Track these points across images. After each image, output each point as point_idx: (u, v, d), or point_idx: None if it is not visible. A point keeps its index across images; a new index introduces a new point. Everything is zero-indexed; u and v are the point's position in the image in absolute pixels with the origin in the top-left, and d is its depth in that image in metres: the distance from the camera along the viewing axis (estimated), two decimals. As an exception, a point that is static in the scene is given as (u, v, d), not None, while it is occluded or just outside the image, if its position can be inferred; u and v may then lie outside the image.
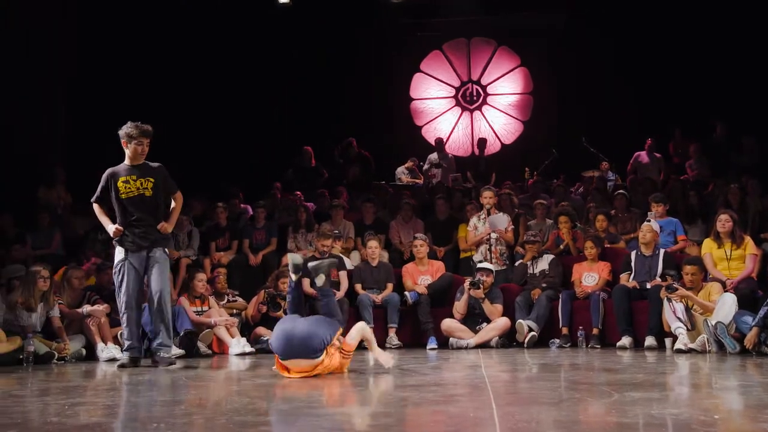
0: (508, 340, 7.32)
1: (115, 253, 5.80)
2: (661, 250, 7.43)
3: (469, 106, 14.60)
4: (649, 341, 6.78)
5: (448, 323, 7.42)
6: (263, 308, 7.48)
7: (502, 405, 3.46)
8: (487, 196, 8.40)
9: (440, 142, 13.13)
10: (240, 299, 7.86)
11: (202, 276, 7.48)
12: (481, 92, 14.58)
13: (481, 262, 7.86)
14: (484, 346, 7.19)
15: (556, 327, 7.38)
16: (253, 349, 7.04)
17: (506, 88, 14.53)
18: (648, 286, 7.09)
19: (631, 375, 4.69)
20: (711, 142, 11.50)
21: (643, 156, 11.64)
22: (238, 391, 4.36)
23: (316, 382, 4.48)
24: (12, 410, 3.57)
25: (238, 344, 6.97)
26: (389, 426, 2.99)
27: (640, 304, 7.09)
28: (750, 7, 11.42)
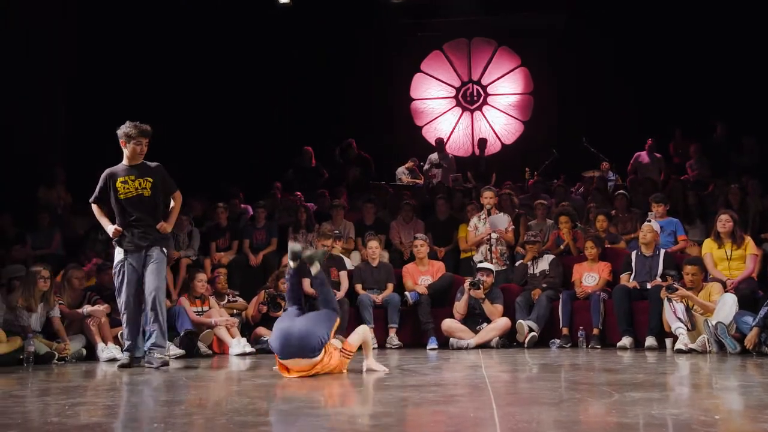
0: (508, 340, 7.32)
1: (115, 254, 5.80)
2: (662, 251, 7.43)
3: (470, 106, 14.59)
4: (650, 341, 6.78)
5: (448, 323, 7.42)
6: (263, 308, 7.48)
7: (503, 405, 3.46)
8: (488, 197, 8.40)
9: (440, 143, 13.12)
10: (240, 299, 7.87)
11: (203, 276, 7.48)
12: (482, 92, 14.57)
13: (481, 262, 7.86)
14: (484, 346, 7.19)
15: (556, 327, 7.39)
16: (254, 350, 7.04)
17: (506, 88, 14.52)
18: (648, 287, 7.09)
19: (632, 375, 4.68)
20: (711, 143, 11.50)
21: (644, 156, 11.63)
22: (238, 391, 4.36)
23: (316, 382, 4.48)
24: (12, 410, 3.57)
25: (239, 344, 6.97)
26: (389, 426, 2.99)
27: (641, 305, 7.09)
28: (750, 7, 11.42)
